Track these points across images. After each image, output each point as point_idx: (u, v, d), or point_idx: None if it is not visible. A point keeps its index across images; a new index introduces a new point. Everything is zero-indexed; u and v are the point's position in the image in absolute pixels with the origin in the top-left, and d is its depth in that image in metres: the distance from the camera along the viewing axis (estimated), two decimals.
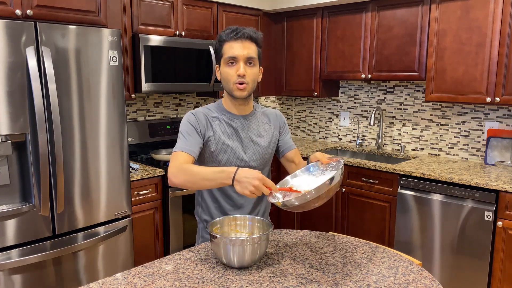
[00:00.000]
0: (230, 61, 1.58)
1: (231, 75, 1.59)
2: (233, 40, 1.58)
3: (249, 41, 1.59)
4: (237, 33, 1.57)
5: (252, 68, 1.60)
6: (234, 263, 1.37)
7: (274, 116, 1.81)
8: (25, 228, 2.16)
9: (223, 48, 1.60)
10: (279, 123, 1.81)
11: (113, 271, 2.52)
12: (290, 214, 3.75)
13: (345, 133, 4.05)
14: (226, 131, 1.66)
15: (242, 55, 1.57)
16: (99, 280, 1.32)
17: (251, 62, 1.60)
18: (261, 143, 1.71)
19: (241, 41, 1.57)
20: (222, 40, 1.61)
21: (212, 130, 1.64)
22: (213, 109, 1.69)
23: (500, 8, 2.72)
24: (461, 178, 2.69)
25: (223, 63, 1.61)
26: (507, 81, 2.74)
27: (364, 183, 3.20)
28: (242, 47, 1.57)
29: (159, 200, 2.91)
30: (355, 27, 3.47)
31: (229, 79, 1.59)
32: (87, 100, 2.32)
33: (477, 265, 2.66)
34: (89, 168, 2.37)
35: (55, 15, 2.27)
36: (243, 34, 1.57)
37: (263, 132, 1.73)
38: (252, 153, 1.69)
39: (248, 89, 1.61)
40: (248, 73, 1.59)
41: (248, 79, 1.59)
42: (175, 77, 3.12)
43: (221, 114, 1.68)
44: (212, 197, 1.71)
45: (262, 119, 1.76)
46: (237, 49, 1.57)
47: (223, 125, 1.66)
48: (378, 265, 1.43)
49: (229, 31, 1.60)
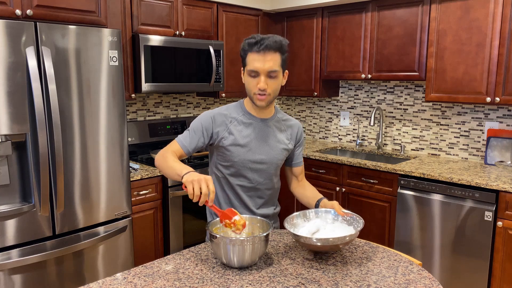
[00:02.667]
0: (252, 74, 1.58)
1: (253, 86, 1.59)
2: (255, 52, 1.55)
3: (272, 52, 1.55)
4: (260, 45, 1.54)
5: (274, 80, 1.59)
6: (234, 263, 1.37)
7: (295, 128, 1.81)
8: (25, 228, 2.16)
9: (246, 58, 1.59)
10: (297, 137, 1.82)
11: (113, 271, 2.52)
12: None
13: (345, 133, 4.05)
14: (242, 131, 1.68)
15: (263, 69, 1.55)
16: (99, 280, 1.32)
17: (273, 75, 1.58)
18: (275, 149, 1.72)
19: (264, 54, 1.54)
20: (245, 50, 1.59)
21: (228, 131, 1.66)
22: (233, 110, 1.71)
23: (500, 8, 2.72)
24: (461, 178, 2.69)
25: (246, 72, 1.61)
26: (507, 81, 2.74)
27: (364, 183, 3.20)
28: (264, 60, 1.54)
29: (159, 200, 2.91)
30: (355, 27, 3.47)
31: (250, 89, 1.61)
32: (87, 100, 2.32)
33: (477, 265, 2.66)
34: (89, 168, 2.37)
35: (55, 15, 2.27)
36: (266, 46, 1.53)
37: (279, 139, 1.74)
38: (264, 157, 1.70)
39: (268, 99, 1.62)
40: (269, 85, 1.58)
41: (269, 90, 1.59)
42: (175, 77, 3.12)
43: (241, 114, 1.70)
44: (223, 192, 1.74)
45: (281, 126, 1.77)
46: (259, 62, 1.55)
47: (241, 126, 1.68)
48: (378, 265, 1.43)
49: (252, 41, 1.56)
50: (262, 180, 1.73)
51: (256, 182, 1.72)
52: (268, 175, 1.73)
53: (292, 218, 1.61)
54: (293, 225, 1.59)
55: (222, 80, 3.39)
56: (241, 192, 1.72)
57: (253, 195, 1.74)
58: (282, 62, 1.60)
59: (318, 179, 3.48)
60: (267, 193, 1.77)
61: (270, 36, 1.57)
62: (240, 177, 1.71)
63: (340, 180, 3.34)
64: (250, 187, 1.72)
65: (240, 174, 1.70)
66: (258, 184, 1.73)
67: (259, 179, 1.72)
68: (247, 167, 1.69)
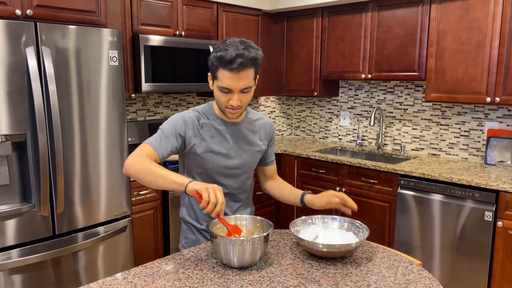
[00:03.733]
0: (224, 90, 1.48)
1: (224, 100, 1.50)
2: (228, 70, 1.43)
3: (246, 69, 1.44)
4: (234, 64, 1.41)
5: (247, 94, 1.51)
6: (234, 263, 1.37)
7: (267, 127, 1.76)
8: (25, 228, 2.16)
9: (217, 73, 1.47)
10: (270, 135, 1.77)
11: (113, 271, 2.52)
12: (290, 214, 3.75)
13: (345, 133, 4.05)
14: (214, 136, 1.61)
15: (237, 88, 1.46)
16: (99, 280, 1.32)
17: (246, 91, 1.49)
18: (248, 151, 1.68)
19: (238, 73, 1.43)
20: (215, 64, 1.47)
21: (200, 137, 1.59)
22: (203, 114, 1.63)
23: (500, 8, 2.72)
24: (461, 178, 2.69)
25: (216, 86, 1.51)
26: (507, 81, 2.74)
27: (364, 183, 3.20)
28: (238, 79, 1.44)
29: (159, 200, 2.91)
30: (355, 27, 3.47)
31: (222, 103, 1.52)
32: (87, 100, 2.32)
33: (477, 265, 2.66)
34: (89, 168, 2.37)
35: (55, 15, 2.27)
36: (240, 64, 1.41)
37: (252, 141, 1.69)
38: (238, 162, 1.65)
39: (241, 111, 1.55)
40: (242, 100, 1.50)
41: (242, 104, 1.51)
42: (175, 77, 3.12)
43: (212, 119, 1.62)
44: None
45: (253, 127, 1.71)
46: (232, 81, 1.44)
47: (212, 131, 1.61)
48: (378, 265, 1.43)
49: (226, 58, 1.41)
50: (237, 185, 1.68)
51: (231, 187, 1.67)
52: (242, 179, 1.69)
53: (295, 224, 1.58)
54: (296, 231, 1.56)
55: None
56: None
57: (228, 200, 1.67)
58: (255, 74, 1.50)
59: (318, 179, 3.48)
60: (242, 197, 1.73)
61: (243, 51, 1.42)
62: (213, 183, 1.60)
63: (340, 180, 3.34)
64: (225, 193, 1.64)
65: (214, 181, 1.64)
66: (233, 190, 1.67)
67: (234, 185, 1.67)
68: (221, 173, 1.63)
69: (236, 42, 1.46)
